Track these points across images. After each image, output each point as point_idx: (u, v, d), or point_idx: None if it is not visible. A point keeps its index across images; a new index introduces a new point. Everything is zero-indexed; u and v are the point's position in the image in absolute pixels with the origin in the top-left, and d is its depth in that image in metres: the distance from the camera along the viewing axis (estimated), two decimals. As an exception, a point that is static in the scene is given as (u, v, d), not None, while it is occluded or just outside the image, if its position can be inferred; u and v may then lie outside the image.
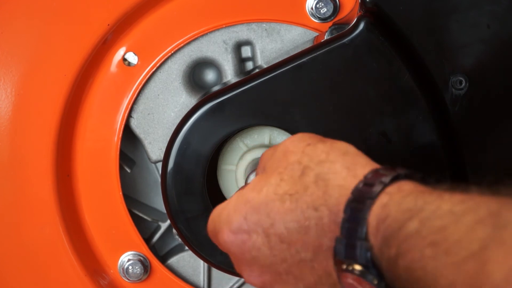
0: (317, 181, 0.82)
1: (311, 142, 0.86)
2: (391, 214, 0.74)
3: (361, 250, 0.76)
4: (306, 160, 0.84)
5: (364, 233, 0.76)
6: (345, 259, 0.77)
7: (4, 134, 1.12)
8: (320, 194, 0.81)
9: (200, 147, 1.07)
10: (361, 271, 0.76)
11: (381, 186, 0.77)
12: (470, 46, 1.01)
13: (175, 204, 1.08)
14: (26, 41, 1.11)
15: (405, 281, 0.71)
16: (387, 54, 1.02)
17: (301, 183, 0.82)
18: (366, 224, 0.76)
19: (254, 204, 0.83)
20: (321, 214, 0.80)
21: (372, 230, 0.75)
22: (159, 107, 1.15)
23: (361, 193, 0.78)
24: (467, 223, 0.67)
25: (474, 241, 0.65)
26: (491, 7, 1.00)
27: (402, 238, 0.71)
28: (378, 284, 0.75)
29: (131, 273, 1.16)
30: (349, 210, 0.78)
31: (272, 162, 0.87)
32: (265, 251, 0.83)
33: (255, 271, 0.84)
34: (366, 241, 0.75)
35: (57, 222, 1.14)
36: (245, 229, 0.83)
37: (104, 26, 1.11)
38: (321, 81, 1.04)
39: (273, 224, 0.82)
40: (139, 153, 1.21)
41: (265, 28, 1.14)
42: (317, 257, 0.81)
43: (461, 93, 1.02)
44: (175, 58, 1.14)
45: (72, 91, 1.12)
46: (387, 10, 1.01)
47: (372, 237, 0.75)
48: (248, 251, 0.83)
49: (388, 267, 0.74)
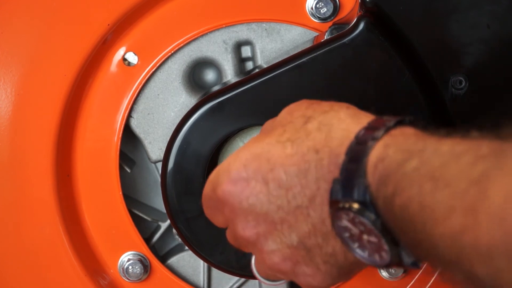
0: (320, 127, 0.82)
1: (314, 102, 0.87)
2: (391, 154, 0.74)
3: (359, 188, 0.75)
4: (310, 112, 0.85)
5: (363, 172, 0.75)
6: (342, 199, 0.77)
7: (4, 134, 1.12)
8: (322, 137, 0.81)
9: (200, 147, 1.07)
10: (359, 208, 0.75)
11: (384, 129, 0.77)
12: (470, 46, 1.01)
13: (175, 204, 1.08)
14: (26, 41, 1.11)
15: (400, 220, 0.71)
16: (387, 54, 1.02)
17: (303, 130, 0.83)
18: (365, 163, 0.75)
19: (255, 151, 0.83)
20: (322, 156, 0.80)
21: (370, 169, 0.75)
22: (159, 107, 1.15)
23: (364, 136, 0.78)
24: (468, 159, 0.66)
25: (475, 172, 0.65)
26: (491, 7, 1.00)
27: (400, 176, 0.71)
28: (375, 221, 0.75)
29: (131, 273, 1.16)
30: (350, 152, 0.78)
31: (274, 122, 0.88)
32: (262, 198, 0.83)
33: (251, 221, 0.84)
34: (364, 179, 0.75)
35: (57, 222, 1.14)
36: (244, 177, 0.83)
37: (104, 26, 1.11)
38: (321, 81, 1.04)
39: (272, 169, 0.82)
40: (139, 153, 1.21)
41: (265, 28, 1.14)
42: (313, 202, 0.81)
43: (461, 93, 1.02)
44: (175, 58, 1.14)
45: (72, 91, 1.12)
46: (387, 10, 1.01)
47: (370, 176, 0.75)
48: (245, 198, 0.83)
49: (384, 207, 0.73)
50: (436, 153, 0.70)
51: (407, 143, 0.74)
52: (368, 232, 0.76)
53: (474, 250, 0.63)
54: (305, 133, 0.83)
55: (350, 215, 0.76)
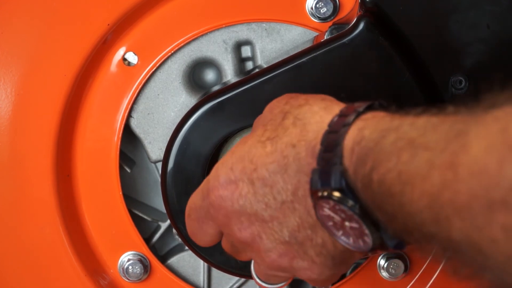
0: (295, 121, 0.84)
1: (293, 96, 0.89)
2: (367, 135, 0.74)
3: (335, 175, 0.76)
4: (287, 108, 0.87)
5: (339, 158, 0.76)
6: (321, 188, 0.78)
7: (4, 134, 1.12)
8: (298, 132, 0.83)
9: (200, 147, 1.07)
10: (337, 196, 0.76)
11: (355, 114, 0.78)
12: (470, 46, 1.01)
13: (175, 204, 1.08)
14: (26, 41, 1.11)
15: (378, 196, 0.71)
16: (387, 54, 1.02)
17: (281, 127, 0.85)
18: (341, 150, 0.76)
19: (239, 153, 0.86)
20: (298, 150, 0.82)
21: (347, 154, 0.76)
22: (159, 107, 1.15)
23: (336, 123, 0.79)
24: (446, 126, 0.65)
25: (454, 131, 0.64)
26: (491, 7, 1.00)
27: (377, 152, 0.71)
28: (353, 206, 0.76)
29: (131, 273, 1.16)
30: (324, 141, 0.79)
31: (259, 121, 0.90)
32: (250, 198, 0.84)
33: (244, 222, 0.86)
34: (340, 165, 0.76)
35: (57, 222, 1.14)
36: (232, 179, 0.85)
37: (104, 26, 1.11)
38: (321, 81, 1.04)
39: (255, 169, 0.84)
40: (139, 153, 1.21)
41: (265, 28, 1.14)
42: (296, 195, 0.83)
43: (461, 93, 1.02)
44: (175, 58, 1.14)
45: (72, 91, 1.12)
46: (387, 10, 1.01)
47: (347, 160, 0.75)
48: (236, 200, 0.85)
49: (362, 187, 0.73)
50: (412, 126, 0.70)
51: (381, 123, 0.74)
52: (349, 218, 0.77)
53: (453, 207, 0.62)
54: (282, 130, 0.84)
55: (330, 203, 0.77)
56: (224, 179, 0.86)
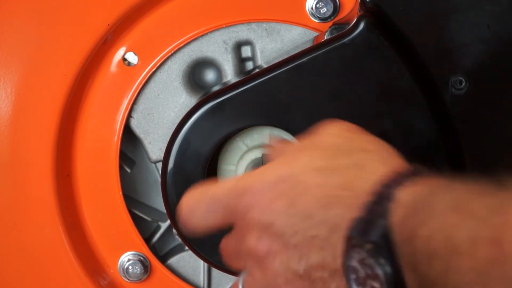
0: (352, 165, 0.83)
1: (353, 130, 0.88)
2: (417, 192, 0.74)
3: (378, 228, 0.75)
4: (347, 145, 0.86)
5: (385, 214, 0.76)
6: (358, 236, 0.77)
7: (4, 134, 1.12)
8: (352, 175, 0.82)
9: (200, 147, 1.07)
10: (371, 248, 0.75)
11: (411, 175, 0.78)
12: (470, 46, 1.01)
13: (175, 204, 1.08)
14: (26, 41, 1.11)
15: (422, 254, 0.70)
16: (387, 54, 1.02)
17: (337, 163, 0.83)
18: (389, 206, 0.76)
19: (287, 171, 0.84)
20: (348, 194, 0.81)
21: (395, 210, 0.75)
22: (159, 107, 1.15)
23: (392, 178, 0.79)
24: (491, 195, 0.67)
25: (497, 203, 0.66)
26: (491, 7, 1.00)
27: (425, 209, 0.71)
28: (383, 264, 0.75)
29: (131, 273, 1.16)
30: (375, 194, 0.78)
31: (299, 145, 0.89)
32: (283, 219, 0.82)
33: (265, 238, 0.84)
34: (385, 220, 0.75)
35: (57, 222, 1.14)
36: (272, 194, 0.83)
37: (104, 26, 1.11)
38: (321, 81, 1.04)
39: (301, 194, 0.82)
40: (139, 153, 1.21)
41: (265, 28, 1.14)
42: (330, 237, 0.81)
43: (461, 93, 1.02)
44: (175, 58, 1.14)
45: (72, 91, 1.12)
46: (387, 10, 1.01)
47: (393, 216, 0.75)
48: (268, 214, 0.83)
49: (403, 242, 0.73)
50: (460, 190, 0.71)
51: (434, 184, 0.75)
52: (373, 277, 0.76)
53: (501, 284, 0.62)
54: (338, 166, 0.83)
55: (361, 254, 0.76)
56: (264, 189, 0.84)
